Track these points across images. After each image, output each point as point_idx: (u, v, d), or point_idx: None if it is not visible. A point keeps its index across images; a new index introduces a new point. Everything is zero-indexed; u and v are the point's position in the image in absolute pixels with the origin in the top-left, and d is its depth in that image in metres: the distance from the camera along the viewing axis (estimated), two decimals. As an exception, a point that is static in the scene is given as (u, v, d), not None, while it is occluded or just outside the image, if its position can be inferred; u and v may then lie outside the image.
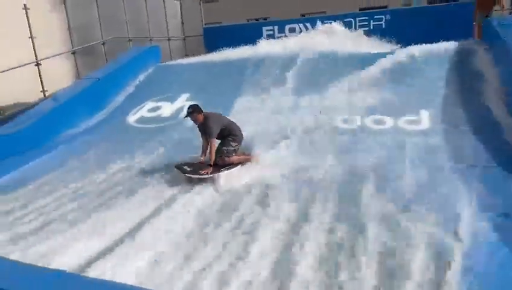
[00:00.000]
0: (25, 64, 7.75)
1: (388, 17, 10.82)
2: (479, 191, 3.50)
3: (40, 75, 8.17)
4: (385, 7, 16.06)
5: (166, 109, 7.22)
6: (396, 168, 4.11)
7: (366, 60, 7.39)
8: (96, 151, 5.70)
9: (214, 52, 10.48)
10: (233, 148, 4.54)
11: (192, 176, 4.24)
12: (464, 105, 5.52)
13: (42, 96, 8.17)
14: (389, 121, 5.37)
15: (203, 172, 4.25)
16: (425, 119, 5.27)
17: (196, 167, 4.40)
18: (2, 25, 7.88)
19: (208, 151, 4.53)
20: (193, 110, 4.51)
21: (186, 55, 13.02)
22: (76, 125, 6.99)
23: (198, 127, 4.66)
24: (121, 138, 6.26)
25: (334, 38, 9.53)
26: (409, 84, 6.32)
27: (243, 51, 9.58)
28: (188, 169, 4.35)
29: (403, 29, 9.72)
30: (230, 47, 10.36)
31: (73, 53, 9.23)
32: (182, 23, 13.46)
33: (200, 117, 4.52)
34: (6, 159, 5.43)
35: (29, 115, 6.69)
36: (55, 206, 4.03)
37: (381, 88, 6.38)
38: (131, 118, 7.04)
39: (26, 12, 7.98)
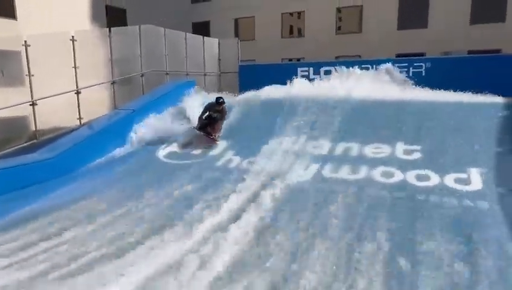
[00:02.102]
0: (65, 92, 8.01)
1: (429, 64, 10.53)
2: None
3: (78, 103, 8.39)
4: (423, 54, 15.84)
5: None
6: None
7: (405, 109, 7.10)
8: (122, 185, 5.58)
9: (250, 90, 10.44)
10: None
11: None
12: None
13: (78, 123, 8.35)
14: (434, 178, 4.93)
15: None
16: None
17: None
18: (51, 55, 8.28)
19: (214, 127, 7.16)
20: (222, 100, 7.16)
21: (221, 91, 13.17)
22: (106, 155, 7.00)
23: (216, 111, 7.15)
24: (148, 172, 6.13)
25: (373, 83, 9.25)
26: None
27: (278, 91, 9.45)
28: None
29: (443, 78, 9.37)
30: (264, 85, 10.32)
31: (113, 83, 9.49)
32: (219, 59, 13.74)
33: (223, 105, 7.15)
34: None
35: (63, 141, 6.78)
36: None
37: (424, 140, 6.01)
38: (161, 153, 6.95)
39: (73, 43, 8.34)
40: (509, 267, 3.16)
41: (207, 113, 7.25)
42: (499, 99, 7.40)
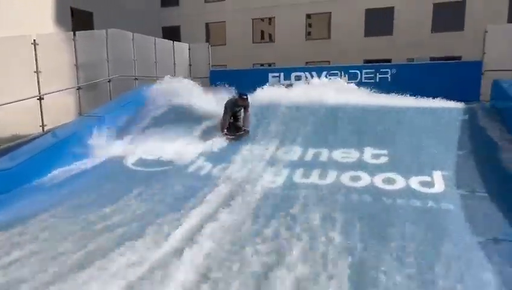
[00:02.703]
0: (27, 98, 7.66)
1: (394, 71, 10.92)
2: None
3: (41, 110, 8.05)
4: (389, 61, 16.41)
5: (168, 151, 6.97)
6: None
7: (374, 114, 7.31)
8: (89, 194, 5.37)
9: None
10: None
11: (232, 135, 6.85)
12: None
13: (41, 130, 7.99)
14: (400, 181, 5.09)
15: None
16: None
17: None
18: (11, 60, 7.91)
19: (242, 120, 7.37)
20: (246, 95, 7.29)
21: (191, 96, 13.04)
22: (71, 163, 6.73)
23: (239, 106, 7.30)
24: (116, 181, 5.94)
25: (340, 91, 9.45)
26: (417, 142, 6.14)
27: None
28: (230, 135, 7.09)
29: (408, 84, 9.73)
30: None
31: (78, 89, 9.18)
32: (190, 64, 13.62)
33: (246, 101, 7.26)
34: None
35: (24, 150, 6.46)
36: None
37: (390, 144, 6.20)
38: (130, 160, 6.77)
39: (35, 47, 8.00)
40: (467, 255, 3.39)
41: (229, 112, 7.29)
42: (459, 104, 7.78)
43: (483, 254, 3.43)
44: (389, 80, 10.81)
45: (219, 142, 7.09)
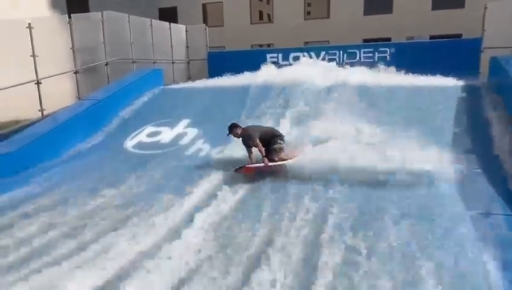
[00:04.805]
0: (24, 83, 7.65)
1: (393, 50, 10.83)
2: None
3: (39, 94, 8.04)
4: (389, 40, 16.21)
5: (166, 134, 7.03)
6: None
7: (368, 92, 7.31)
8: (88, 177, 5.45)
9: (218, 77, 10.42)
10: (282, 145, 5.20)
11: (253, 165, 5.01)
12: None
13: (40, 115, 8.01)
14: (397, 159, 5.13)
15: (263, 165, 5.01)
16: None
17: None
18: (6, 43, 7.85)
19: (257, 152, 5.15)
20: (232, 126, 5.25)
21: (189, 79, 12.99)
22: (73, 146, 6.80)
23: (242, 140, 5.24)
24: (115, 163, 6.01)
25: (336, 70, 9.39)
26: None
27: (246, 78, 9.47)
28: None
29: (407, 62, 9.67)
30: (233, 72, 10.32)
31: (76, 73, 9.14)
32: (187, 46, 13.49)
33: (239, 131, 5.20)
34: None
35: (25, 134, 6.52)
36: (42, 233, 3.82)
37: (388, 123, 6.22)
38: (129, 143, 6.83)
39: (30, 32, 7.94)
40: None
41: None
42: (458, 82, 7.74)
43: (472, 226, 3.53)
44: (388, 58, 10.74)
45: None
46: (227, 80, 9.85)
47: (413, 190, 4.34)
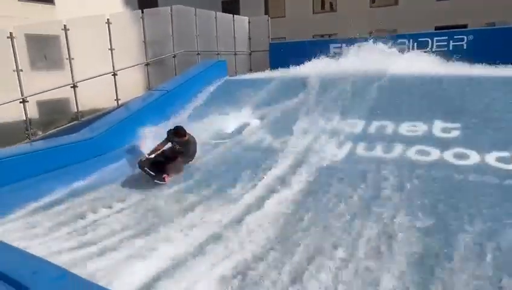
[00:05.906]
0: (102, 74, 8.29)
1: (471, 37, 9.94)
2: None
3: (115, 85, 8.68)
4: (465, 26, 14.92)
5: (230, 124, 7.19)
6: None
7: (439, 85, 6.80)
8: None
9: (280, 69, 10.40)
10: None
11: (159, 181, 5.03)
12: None
13: (116, 104, 8.66)
14: (474, 157, 4.75)
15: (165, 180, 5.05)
16: None
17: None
18: (88, 38, 8.54)
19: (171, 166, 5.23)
20: (180, 130, 5.40)
21: (250, 70, 13.14)
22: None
23: (177, 143, 5.40)
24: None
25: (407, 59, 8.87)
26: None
27: (309, 69, 9.33)
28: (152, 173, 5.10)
29: (486, 51, 8.82)
30: (295, 63, 10.23)
31: (147, 65, 9.69)
32: (249, 38, 13.62)
33: (185, 138, 5.43)
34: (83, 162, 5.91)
35: (102, 122, 7.07)
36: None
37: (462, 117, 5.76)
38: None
39: (109, 26, 8.54)
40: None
41: (168, 144, 5.53)
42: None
43: None
44: (465, 47, 9.88)
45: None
46: (291, 71, 9.76)
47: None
